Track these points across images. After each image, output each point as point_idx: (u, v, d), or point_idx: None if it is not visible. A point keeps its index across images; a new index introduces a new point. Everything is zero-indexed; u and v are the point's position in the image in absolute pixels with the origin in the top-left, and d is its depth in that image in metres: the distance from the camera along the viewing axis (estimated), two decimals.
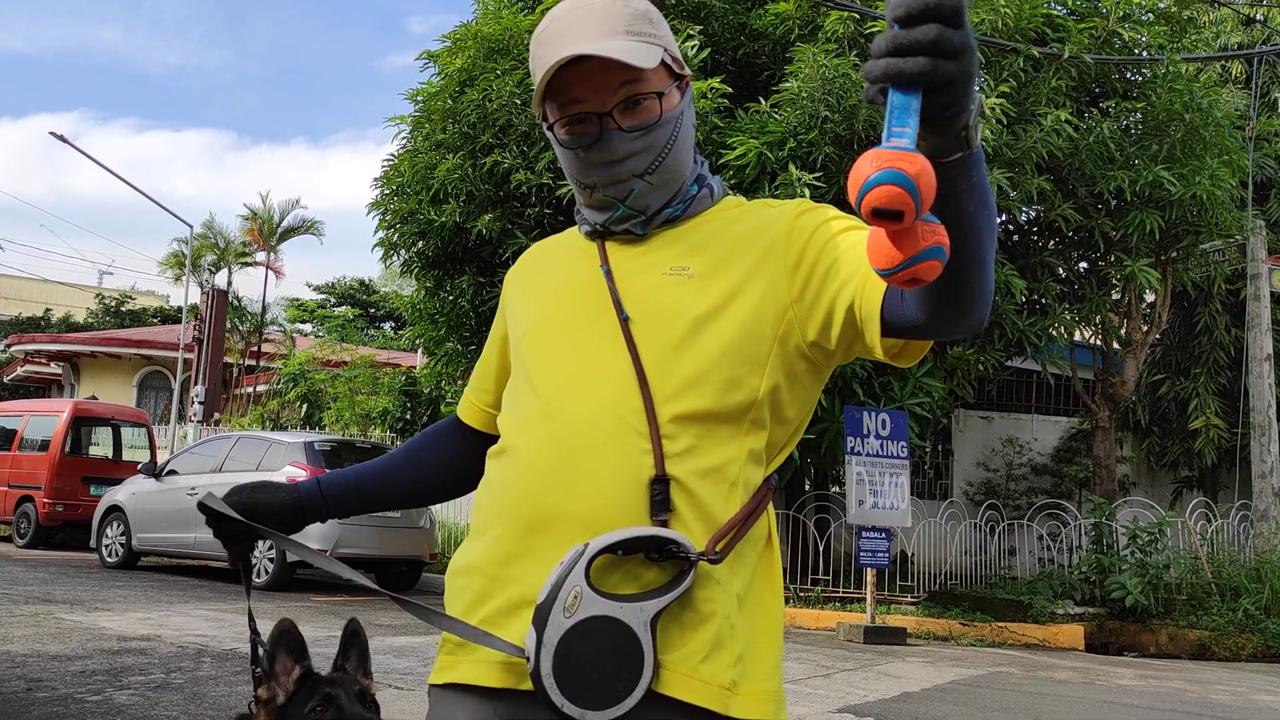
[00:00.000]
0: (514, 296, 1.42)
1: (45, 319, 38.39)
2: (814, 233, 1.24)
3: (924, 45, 0.81)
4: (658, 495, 1.15)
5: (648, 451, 1.17)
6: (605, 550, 1.12)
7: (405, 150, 12.59)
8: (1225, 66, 15.56)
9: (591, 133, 1.25)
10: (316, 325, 34.14)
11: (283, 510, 1.40)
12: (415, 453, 1.50)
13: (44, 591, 9.19)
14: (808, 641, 9.17)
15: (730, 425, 1.21)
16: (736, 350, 1.21)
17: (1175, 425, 15.76)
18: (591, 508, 1.15)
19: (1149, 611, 10.38)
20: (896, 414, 9.98)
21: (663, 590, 1.13)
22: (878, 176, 0.80)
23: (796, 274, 1.23)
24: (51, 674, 5.40)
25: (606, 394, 1.20)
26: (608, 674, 1.10)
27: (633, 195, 1.27)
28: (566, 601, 1.09)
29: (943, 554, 12.37)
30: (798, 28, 10.77)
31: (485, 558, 1.23)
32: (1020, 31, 10.17)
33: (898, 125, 0.83)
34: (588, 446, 1.17)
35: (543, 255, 1.44)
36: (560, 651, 1.09)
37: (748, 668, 1.18)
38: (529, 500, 1.19)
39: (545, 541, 1.17)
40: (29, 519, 14.96)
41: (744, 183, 9.81)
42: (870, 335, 1.15)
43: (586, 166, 1.27)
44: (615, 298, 1.25)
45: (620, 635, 1.10)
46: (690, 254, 1.27)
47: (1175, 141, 10.60)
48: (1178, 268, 12.01)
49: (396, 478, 1.48)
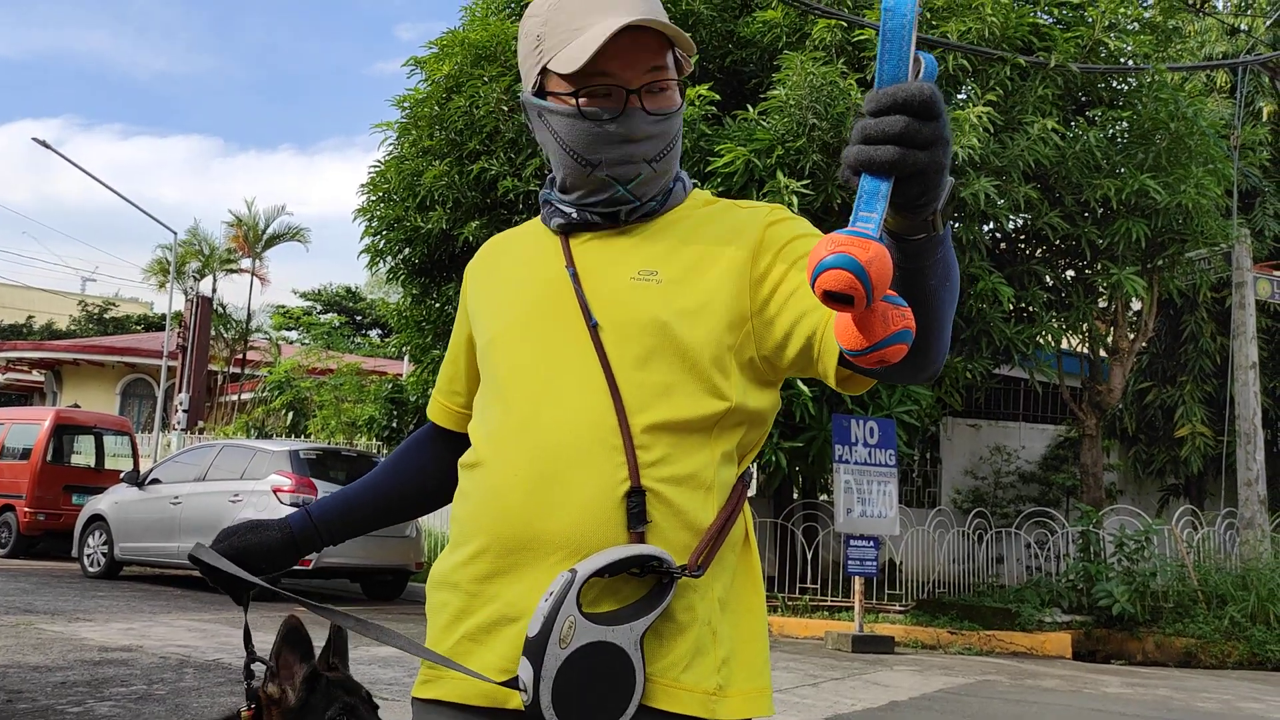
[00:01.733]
0: (476, 294, 1.39)
1: (27, 326, 38.13)
2: (783, 248, 1.23)
3: (892, 135, 0.84)
4: (634, 507, 1.15)
5: (622, 464, 1.16)
6: (598, 574, 1.11)
7: (392, 157, 12.55)
8: (1210, 76, 15.66)
9: (614, 108, 1.23)
10: (302, 332, 34.00)
11: (276, 549, 1.39)
12: (397, 466, 1.48)
13: (25, 602, 9.09)
14: (795, 650, 9.14)
15: (701, 432, 1.20)
16: (707, 359, 1.20)
17: (1162, 433, 15.82)
18: (570, 524, 1.15)
19: (1136, 619, 10.39)
20: (884, 422, 9.97)
21: (645, 606, 1.13)
22: (830, 260, 0.82)
23: (761, 288, 1.22)
24: (32, 685, 5.32)
25: (579, 406, 1.19)
26: (603, 696, 1.10)
27: (638, 180, 1.26)
28: (562, 632, 1.08)
29: (931, 562, 12.37)
30: (785, 35, 10.78)
31: (464, 574, 1.22)
32: (1007, 40, 10.20)
33: (865, 210, 0.85)
34: (564, 463, 1.17)
35: (503, 250, 1.41)
36: (559, 682, 1.08)
37: (734, 670, 1.19)
38: (508, 519, 1.18)
39: (524, 559, 1.17)
40: (10, 528, 14.82)
41: (731, 190, 9.80)
42: (825, 366, 1.16)
43: (600, 141, 1.24)
44: (583, 303, 1.23)
45: (613, 658, 1.10)
46: (658, 258, 1.25)
47: (1161, 150, 10.65)
48: (1164, 276, 12.06)
49: (383, 494, 1.46)
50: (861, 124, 0.86)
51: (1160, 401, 15.61)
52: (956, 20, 10.13)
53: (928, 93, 0.84)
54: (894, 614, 11.01)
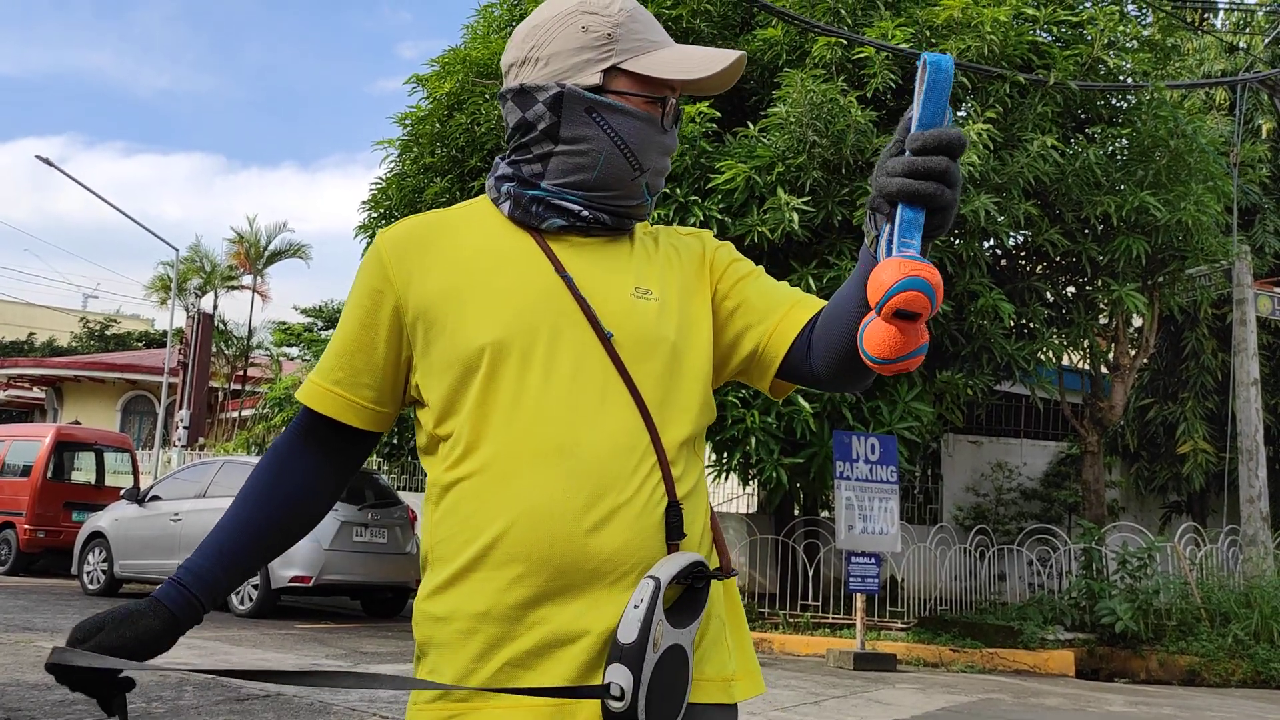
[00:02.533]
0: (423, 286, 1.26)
1: (29, 343, 38.15)
2: (726, 269, 1.37)
3: (936, 173, 0.98)
4: (673, 520, 1.21)
5: (659, 482, 1.21)
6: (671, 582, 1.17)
7: (393, 174, 12.59)
8: (1209, 93, 15.70)
9: (670, 121, 1.33)
10: (303, 349, 33.99)
11: (159, 636, 1.18)
12: (269, 495, 1.28)
13: (24, 619, 9.06)
14: (797, 668, 9.10)
15: (699, 444, 1.31)
16: (703, 376, 1.31)
17: (1163, 450, 15.79)
18: (621, 543, 1.18)
19: (1139, 637, 10.34)
20: (885, 438, 9.96)
21: (691, 608, 1.20)
22: (906, 282, 0.94)
23: (721, 306, 1.36)
24: (31, 703, 5.30)
25: (616, 427, 1.20)
26: (673, 696, 1.16)
27: (657, 195, 1.35)
28: (655, 636, 1.13)
29: (933, 579, 12.32)
30: (785, 53, 10.82)
31: (499, 601, 1.17)
32: (1006, 58, 10.24)
33: (906, 236, 0.98)
34: (612, 484, 1.19)
35: (447, 239, 1.30)
36: (651, 685, 1.13)
37: (739, 655, 1.30)
38: (560, 545, 1.16)
39: (575, 582, 1.17)
40: (10, 545, 14.79)
41: (732, 207, 9.83)
42: (762, 377, 1.34)
43: (655, 149, 1.31)
44: (592, 315, 1.24)
45: (683, 659, 1.17)
46: (647, 277, 1.31)
47: (1160, 167, 10.67)
48: (1164, 292, 12.06)
49: (261, 530, 1.27)
50: (908, 160, 0.99)
51: (1162, 418, 15.59)
52: (956, 38, 10.17)
53: (963, 140, 0.99)
54: (896, 631, 10.96)
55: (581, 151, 1.27)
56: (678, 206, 9.90)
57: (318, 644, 8.58)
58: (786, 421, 9.87)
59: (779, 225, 9.41)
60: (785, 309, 1.32)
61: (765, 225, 9.46)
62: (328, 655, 7.89)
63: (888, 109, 10.61)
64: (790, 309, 1.32)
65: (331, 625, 10.50)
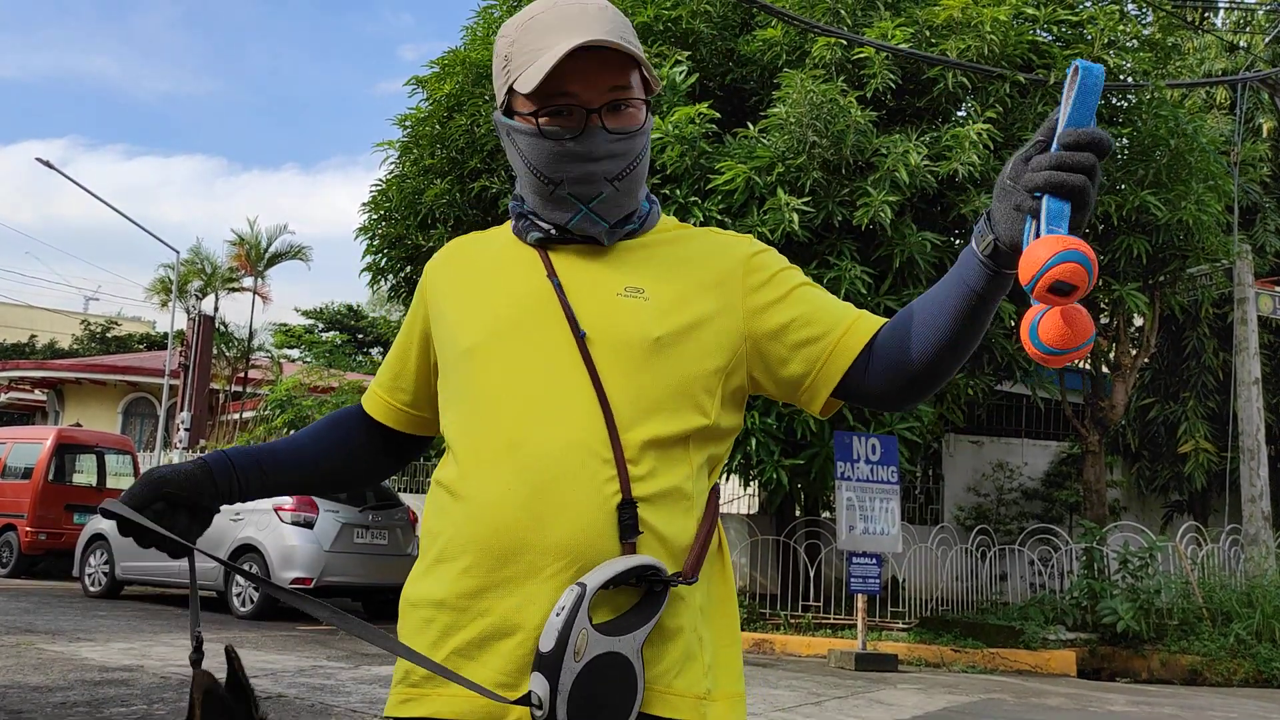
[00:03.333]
0: (442, 296, 1.36)
1: (30, 345, 38.17)
2: (774, 277, 1.31)
3: (1086, 167, 1.01)
4: (626, 519, 1.17)
5: (613, 477, 1.18)
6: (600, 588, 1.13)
7: (393, 175, 12.60)
8: (1210, 92, 15.70)
9: (574, 127, 1.25)
10: (304, 351, 34.01)
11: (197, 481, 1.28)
12: (328, 438, 1.44)
13: (25, 621, 9.06)
14: (798, 669, 9.09)
15: (681, 447, 1.24)
16: (693, 378, 1.25)
17: (1165, 449, 15.77)
18: (564, 537, 1.16)
19: (1141, 637, 10.33)
20: (886, 439, 9.95)
21: (641, 614, 1.16)
22: (1063, 254, 0.95)
23: (758, 317, 1.30)
24: (32, 705, 5.30)
25: (571, 423, 1.20)
26: (611, 706, 1.12)
27: (599, 199, 1.28)
28: (576, 645, 1.10)
29: (934, 579, 12.31)
30: (785, 53, 10.82)
31: (451, 590, 1.21)
32: (1006, 58, 10.24)
33: (1053, 224, 1.00)
34: (556, 476, 1.18)
35: (471, 254, 1.39)
36: (574, 695, 1.10)
37: (718, 675, 1.24)
38: (499, 533, 1.18)
39: (516, 573, 1.17)
40: (11, 548, 14.79)
41: (732, 207, 9.83)
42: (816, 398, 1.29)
43: (561, 160, 1.26)
44: (570, 314, 1.24)
45: (620, 667, 1.13)
46: (643, 276, 1.29)
47: (1161, 167, 10.67)
48: (1165, 292, 12.05)
49: (307, 462, 1.41)
50: (1057, 155, 1.01)
51: (1163, 417, 15.57)
52: (956, 38, 10.17)
53: (1110, 143, 1.02)
54: (897, 632, 10.96)
55: (518, 173, 1.33)
56: (678, 207, 9.89)
57: (319, 645, 8.58)
58: (787, 422, 9.87)
59: (779, 226, 9.40)
60: (848, 323, 1.28)
61: (765, 226, 9.45)
62: (329, 657, 7.89)
63: (888, 109, 10.61)
64: (854, 323, 1.28)
65: (332, 627, 10.50)
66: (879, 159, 9.72)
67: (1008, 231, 1.07)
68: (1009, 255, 1.09)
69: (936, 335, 1.19)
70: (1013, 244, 1.06)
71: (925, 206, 10.53)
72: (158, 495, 1.25)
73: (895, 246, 9.94)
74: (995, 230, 1.09)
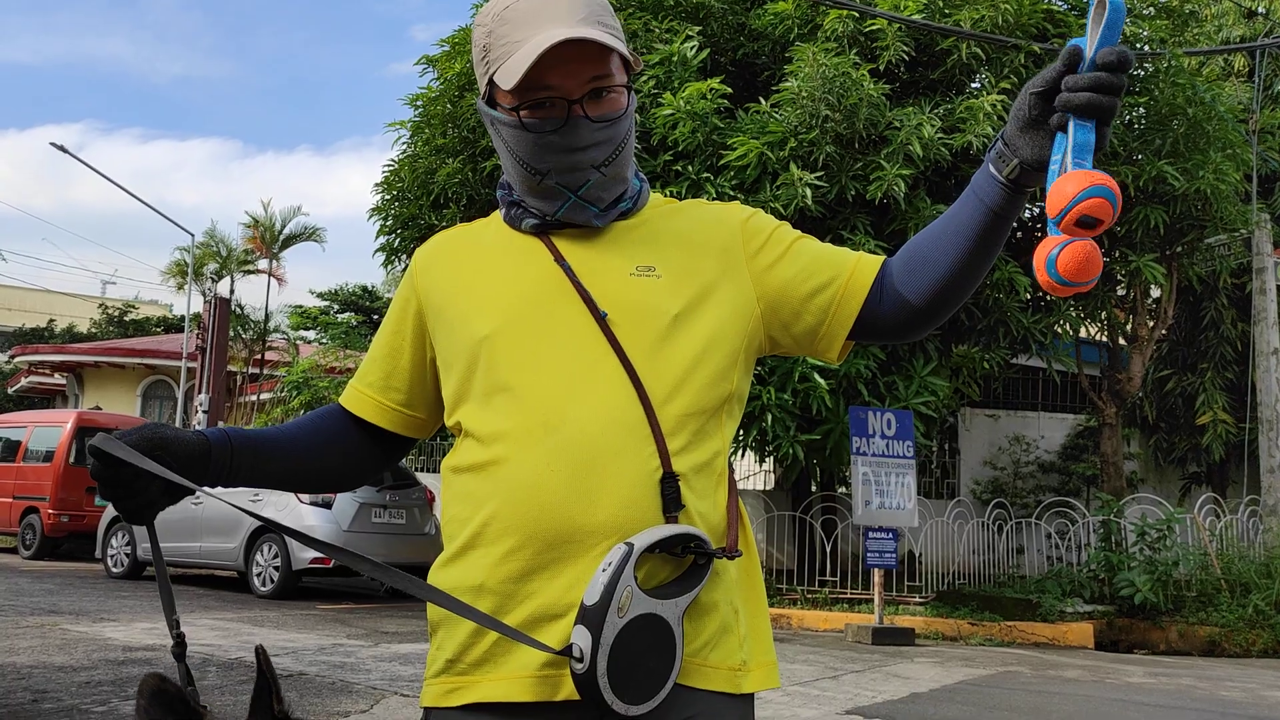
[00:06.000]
0: (439, 291, 1.33)
1: (49, 330, 38.43)
2: (771, 237, 1.34)
3: (1118, 88, 1.05)
4: (669, 492, 1.18)
5: (653, 453, 1.19)
6: (647, 550, 1.14)
7: (405, 155, 12.59)
8: (1228, 60, 15.49)
9: (557, 118, 1.25)
10: (319, 332, 34.12)
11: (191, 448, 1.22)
12: (320, 434, 1.38)
13: (49, 602, 9.17)
14: (815, 643, 9.13)
15: (714, 420, 1.26)
16: (716, 347, 1.27)
17: (1183, 421, 15.69)
18: (611, 515, 1.17)
19: (1158, 609, 10.32)
20: (902, 413, 9.94)
21: (683, 585, 1.17)
22: (1092, 189, 1.00)
23: (764, 277, 1.32)
24: (57, 685, 5.37)
25: (606, 401, 1.20)
26: (648, 670, 1.14)
27: (587, 186, 1.28)
28: (620, 601, 1.11)
29: (950, 553, 12.32)
30: (797, 27, 10.74)
31: (495, 575, 1.20)
32: (1021, 28, 10.13)
33: (1079, 158, 1.04)
34: (600, 458, 1.18)
35: (462, 248, 1.37)
36: (614, 651, 1.11)
37: (752, 645, 1.27)
38: (545, 516, 1.17)
39: (565, 554, 1.17)
40: (34, 530, 14.96)
41: (745, 183, 9.79)
42: (833, 345, 1.32)
43: (545, 151, 1.26)
44: (586, 295, 1.25)
45: (660, 631, 1.14)
46: (649, 254, 1.30)
47: (1178, 136, 10.56)
48: (1183, 262, 11.95)
49: (298, 457, 1.35)
50: (1093, 76, 1.05)
51: (1181, 389, 15.48)
52: (970, 8, 10.06)
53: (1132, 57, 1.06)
54: (914, 606, 10.97)
55: (503, 161, 1.33)
56: (690, 184, 9.86)
57: (339, 624, 8.66)
58: (802, 398, 9.86)
59: (792, 201, 9.36)
60: (851, 266, 1.31)
61: (778, 201, 9.41)
62: (349, 635, 7.96)
63: (901, 82, 10.52)
64: (856, 264, 1.32)
65: (352, 606, 10.59)
66: (892, 132, 9.65)
67: (1035, 153, 1.12)
68: (1032, 174, 1.13)
69: (956, 257, 1.23)
70: (1039, 162, 1.11)
71: (939, 180, 10.46)
72: (151, 453, 1.17)
73: (909, 220, 9.88)
74: (1019, 154, 1.13)
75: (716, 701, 1.21)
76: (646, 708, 1.13)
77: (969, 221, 1.21)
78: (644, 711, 1.13)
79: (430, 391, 1.38)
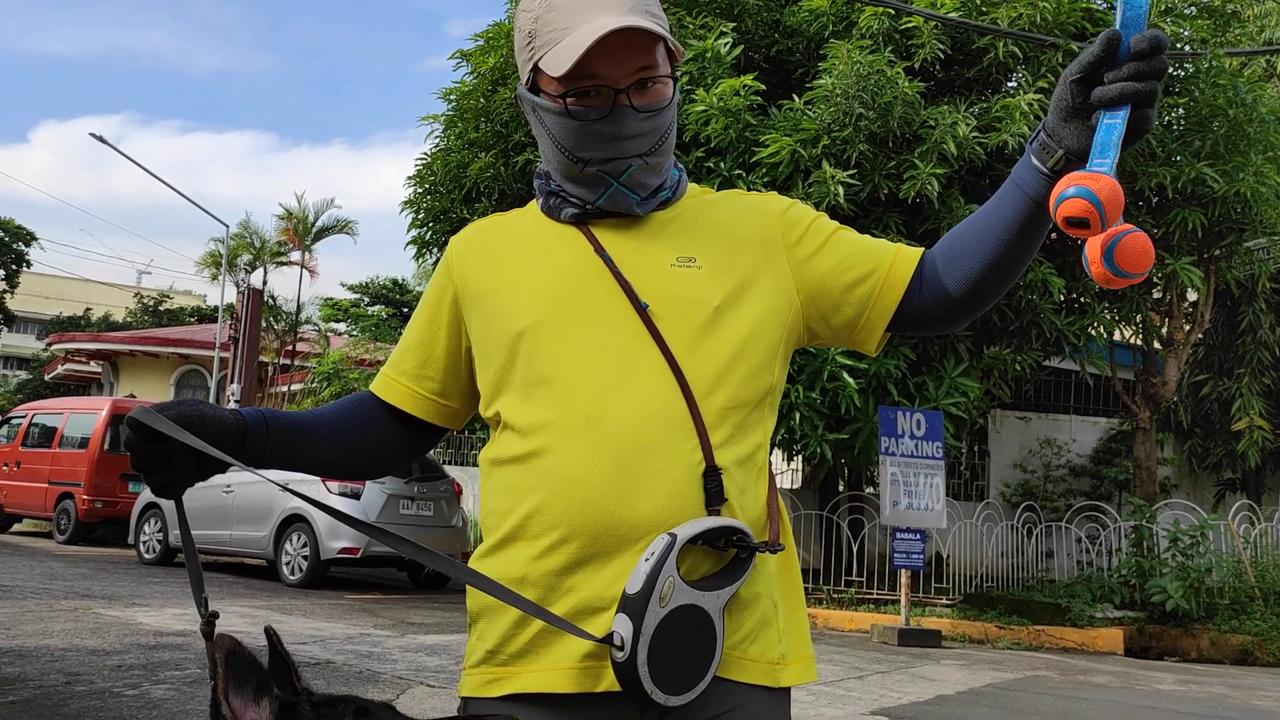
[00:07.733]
0: (475, 281, 1.33)
1: (85, 318, 38.98)
2: (810, 227, 1.33)
3: (1158, 72, 1.05)
4: (712, 486, 1.18)
5: (696, 446, 1.18)
6: (689, 542, 1.14)
7: (438, 149, 12.64)
8: (1270, 61, 15.25)
9: (603, 107, 1.24)
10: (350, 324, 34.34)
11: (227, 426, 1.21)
12: (355, 420, 1.37)
13: (83, 587, 9.30)
14: (841, 643, 9.09)
15: (756, 412, 1.26)
16: (757, 339, 1.26)
17: (1218, 427, 15.46)
18: (655, 509, 1.16)
19: (1190, 616, 10.20)
20: (931, 414, 9.87)
21: (725, 577, 1.17)
22: (1069, 191, 1.02)
23: (804, 268, 1.31)
24: (89, 668, 5.45)
25: (649, 394, 1.19)
26: (689, 660, 1.13)
27: (628, 172, 1.27)
28: (663, 591, 1.11)
29: (979, 556, 12.23)
30: (832, 24, 10.68)
31: (536, 569, 1.20)
32: (1059, 26, 10.02)
33: (1100, 157, 1.05)
34: (643, 452, 1.17)
35: (499, 237, 1.36)
36: (655, 640, 1.10)
37: (791, 640, 1.26)
38: (590, 510, 1.17)
39: (606, 549, 1.17)
40: (69, 515, 15.16)
41: (777, 180, 9.75)
42: (872, 336, 1.31)
43: (589, 139, 1.25)
44: (627, 286, 1.24)
45: (701, 622, 1.14)
46: (689, 245, 1.29)
47: (1218, 137, 10.41)
48: (1221, 266, 11.79)
49: (332, 442, 1.34)
50: (1132, 65, 1.05)
51: (1216, 394, 15.26)
52: (1008, 6, 9.96)
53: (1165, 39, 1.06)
54: (941, 608, 10.91)
55: (543, 149, 1.32)
56: (722, 181, 9.83)
57: (366, 614, 8.72)
58: (831, 397, 9.81)
59: (824, 199, 9.31)
60: (890, 257, 1.31)
61: (810, 200, 9.37)
62: (375, 625, 8.01)
63: (936, 80, 10.44)
64: (896, 255, 1.31)
65: (379, 596, 10.66)
66: (926, 131, 9.58)
67: (1079, 143, 1.11)
68: (1076, 165, 1.12)
69: (998, 247, 1.22)
70: (1084, 151, 1.10)
71: (973, 179, 10.38)
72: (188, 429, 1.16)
73: (942, 220, 9.81)
74: (1063, 144, 1.12)
75: (755, 695, 1.20)
76: (686, 699, 1.13)
77: (1011, 212, 1.20)
78: (683, 703, 1.13)
79: (464, 381, 1.37)
